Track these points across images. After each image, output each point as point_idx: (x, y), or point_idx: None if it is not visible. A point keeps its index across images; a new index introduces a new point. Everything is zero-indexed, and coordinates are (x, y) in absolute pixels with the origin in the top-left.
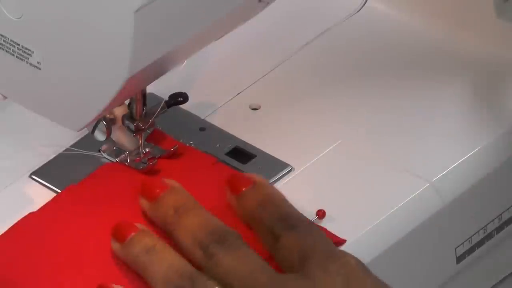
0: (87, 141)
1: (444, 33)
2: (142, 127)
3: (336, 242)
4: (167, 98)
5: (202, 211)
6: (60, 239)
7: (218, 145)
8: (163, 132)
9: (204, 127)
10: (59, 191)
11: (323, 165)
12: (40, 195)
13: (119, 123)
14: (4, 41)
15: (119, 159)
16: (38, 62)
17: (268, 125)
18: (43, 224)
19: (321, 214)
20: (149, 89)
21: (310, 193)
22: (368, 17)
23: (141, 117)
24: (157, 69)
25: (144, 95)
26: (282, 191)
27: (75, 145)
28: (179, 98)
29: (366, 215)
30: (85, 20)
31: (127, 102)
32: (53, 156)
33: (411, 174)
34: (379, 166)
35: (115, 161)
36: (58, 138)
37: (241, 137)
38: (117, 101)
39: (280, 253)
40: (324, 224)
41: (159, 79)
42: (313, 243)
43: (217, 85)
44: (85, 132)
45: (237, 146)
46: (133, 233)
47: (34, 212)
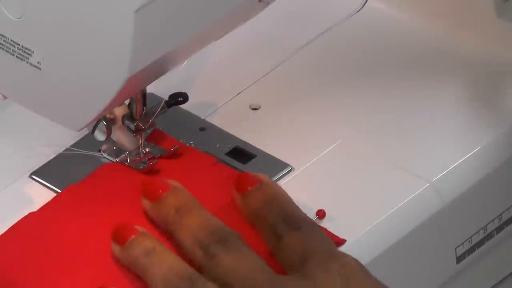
0: (87, 141)
1: (444, 33)
2: (142, 127)
3: (336, 242)
4: (167, 98)
5: (203, 211)
6: (60, 239)
7: (218, 145)
8: (163, 132)
9: (204, 127)
10: (59, 191)
11: (323, 165)
12: (40, 195)
13: (119, 123)
14: (4, 41)
15: (119, 159)
16: (38, 62)
17: (268, 125)
18: (43, 224)
19: (321, 214)
20: (149, 89)
21: (310, 193)
22: (368, 17)
23: (141, 117)
24: (157, 69)
25: (144, 95)
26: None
27: (75, 145)
28: (179, 98)
29: (366, 215)
30: (85, 20)
31: (127, 102)
32: (53, 156)
33: (411, 174)
34: (379, 166)
35: (115, 161)
36: (58, 138)
37: (241, 137)
38: (117, 101)
39: (282, 252)
40: (324, 224)
41: (159, 79)
42: (314, 244)
43: (217, 85)
44: (85, 132)
45: (237, 146)
46: (133, 235)
47: (34, 212)
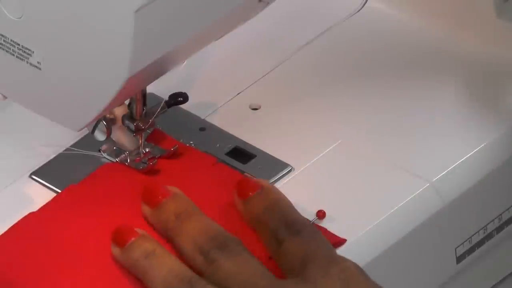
0: (87, 141)
1: (444, 33)
2: (142, 127)
3: (337, 242)
4: (167, 98)
5: (203, 217)
6: (60, 239)
7: (218, 145)
8: (163, 132)
9: (204, 127)
10: (59, 191)
11: (323, 165)
12: (40, 195)
13: (119, 123)
14: (4, 41)
15: (119, 159)
16: (38, 62)
17: (268, 125)
18: (43, 224)
19: (321, 214)
20: (149, 89)
21: (310, 193)
22: (368, 17)
23: (141, 117)
24: (157, 69)
25: (144, 95)
26: (282, 191)
27: (75, 145)
28: (179, 98)
29: (366, 215)
30: (85, 20)
31: (127, 102)
32: (53, 156)
33: (411, 174)
34: (379, 166)
35: (115, 161)
36: (58, 138)
37: (241, 137)
38: (117, 101)
39: (282, 257)
40: (324, 224)
41: (159, 79)
42: (314, 249)
43: (217, 85)
44: (85, 132)
45: (237, 146)
46: (133, 238)
47: (34, 212)
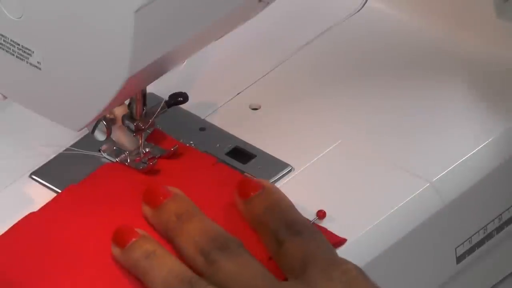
0: (87, 141)
1: (444, 33)
2: (142, 127)
3: (337, 242)
4: (167, 98)
5: (204, 218)
6: (60, 239)
7: (218, 145)
8: (163, 132)
9: (204, 127)
10: (59, 191)
11: (323, 165)
12: (40, 195)
13: (119, 123)
14: (4, 41)
15: (119, 159)
16: (38, 62)
17: (268, 125)
18: (43, 224)
19: (321, 214)
20: (149, 89)
21: (310, 193)
22: (368, 17)
23: (141, 117)
24: (157, 69)
25: (144, 95)
26: (282, 191)
27: (75, 145)
28: (179, 98)
29: (366, 215)
30: (85, 20)
31: (127, 102)
32: (53, 156)
33: (411, 174)
34: (379, 166)
35: (115, 161)
36: (58, 138)
37: (241, 137)
38: (117, 101)
39: (282, 258)
40: (324, 224)
41: (159, 79)
42: (315, 250)
43: (217, 85)
44: (85, 132)
45: (237, 146)
46: (133, 238)
47: (34, 212)
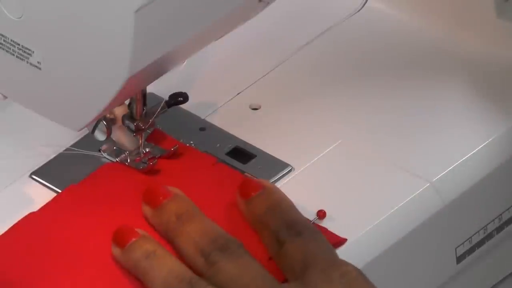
0: (87, 141)
1: (444, 33)
2: (142, 127)
3: (337, 242)
4: (167, 98)
5: (205, 218)
6: (60, 239)
7: (218, 145)
8: (163, 132)
9: (204, 127)
10: (59, 191)
11: (323, 165)
12: (40, 195)
13: (119, 123)
14: (4, 41)
15: (119, 159)
16: (38, 62)
17: (268, 125)
18: (43, 224)
19: (321, 214)
20: (149, 89)
21: (310, 193)
22: (368, 17)
23: (141, 117)
24: (157, 69)
25: (144, 95)
26: (282, 191)
27: (75, 145)
28: (179, 98)
29: (366, 215)
30: (85, 20)
31: (127, 102)
32: (53, 156)
33: (411, 174)
34: (379, 166)
35: (115, 161)
36: (58, 138)
37: (241, 137)
38: (117, 101)
39: (283, 259)
40: (325, 224)
41: (159, 79)
42: (315, 251)
43: (217, 85)
44: (85, 132)
45: (237, 146)
46: (133, 238)
47: (34, 212)
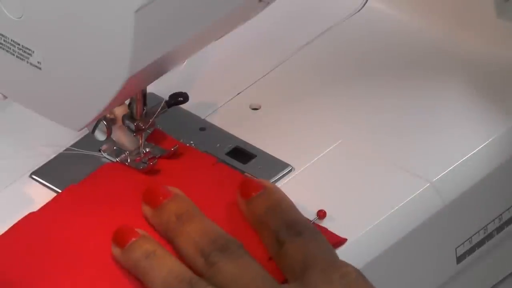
0: (87, 141)
1: (444, 33)
2: (142, 127)
3: (337, 242)
4: (167, 98)
5: (205, 219)
6: (60, 239)
7: (218, 145)
8: (163, 132)
9: (204, 127)
10: (59, 191)
11: (323, 165)
12: (40, 195)
13: (120, 123)
14: (4, 40)
15: (119, 159)
16: (38, 62)
17: (268, 125)
18: (43, 224)
19: (322, 214)
20: (149, 89)
21: (310, 193)
22: (368, 17)
23: (141, 117)
24: (158, 69)
25: (145, 95)
26: (282, 191)
27: (75, 145)
28: (179, 98)
29: (366, 215)
30: (85, 20)
31: (127, 102)
32: (53, 156)
33: (411, 174)
34: (379, 166)
35: (115, 161)
36: (58, 138)
37: (241, 137)
38: (117, 101)
39: (283, 259)
40: (325, 224)
41: (159, 79)
42: (315, 251)
43: (217, 85)
44: (85, 132)
45: (237, 146)
46: (133, 238)
47: (34, 212)
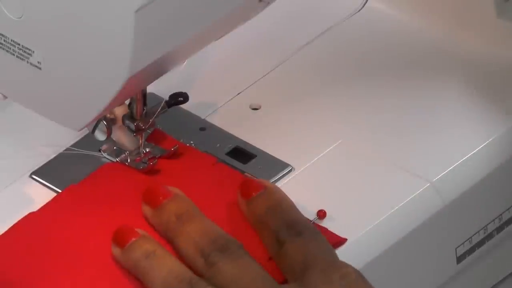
0: (87, 141)
1: (444, 33)
2: (142, 127)
3: (337, 242)
4: (167, 98)
5: (205, 219)
6: (60, 239)
7: (218, 145)
8: (163, 132)
9: (204, 127)
10: (59, 191)
11: (323, 165)
12: (40, 195)
13: (120, 123)
14: (4, 40)
15: (119, 159)
16: (38, 62)
17: (268, 125)
18: (43, 224)
19: (322, 214)
20: (150, 89)
21: (310, 193)
22: (368, 17)
23: (141, 117)
24: (158, 69)
25: (145, 95)
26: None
27: (75, 145)
28: (179, 98)
29: (366, 215)
30: (85, 20)
31: (127, 102)
32: (53, 156)
33: (411, 174)
34: (379, 166)
35: (115, 161)
36: (58, 138)
37: (241, 137)
38: (117, 101)
39: (283, 259)
40: (325, 223)
41: (159, 79)
42: (315, 252)
43: (217, 85)
44: (85, 132)
45: (237, 146)
46: (133, 238)
47: (34, 212)
